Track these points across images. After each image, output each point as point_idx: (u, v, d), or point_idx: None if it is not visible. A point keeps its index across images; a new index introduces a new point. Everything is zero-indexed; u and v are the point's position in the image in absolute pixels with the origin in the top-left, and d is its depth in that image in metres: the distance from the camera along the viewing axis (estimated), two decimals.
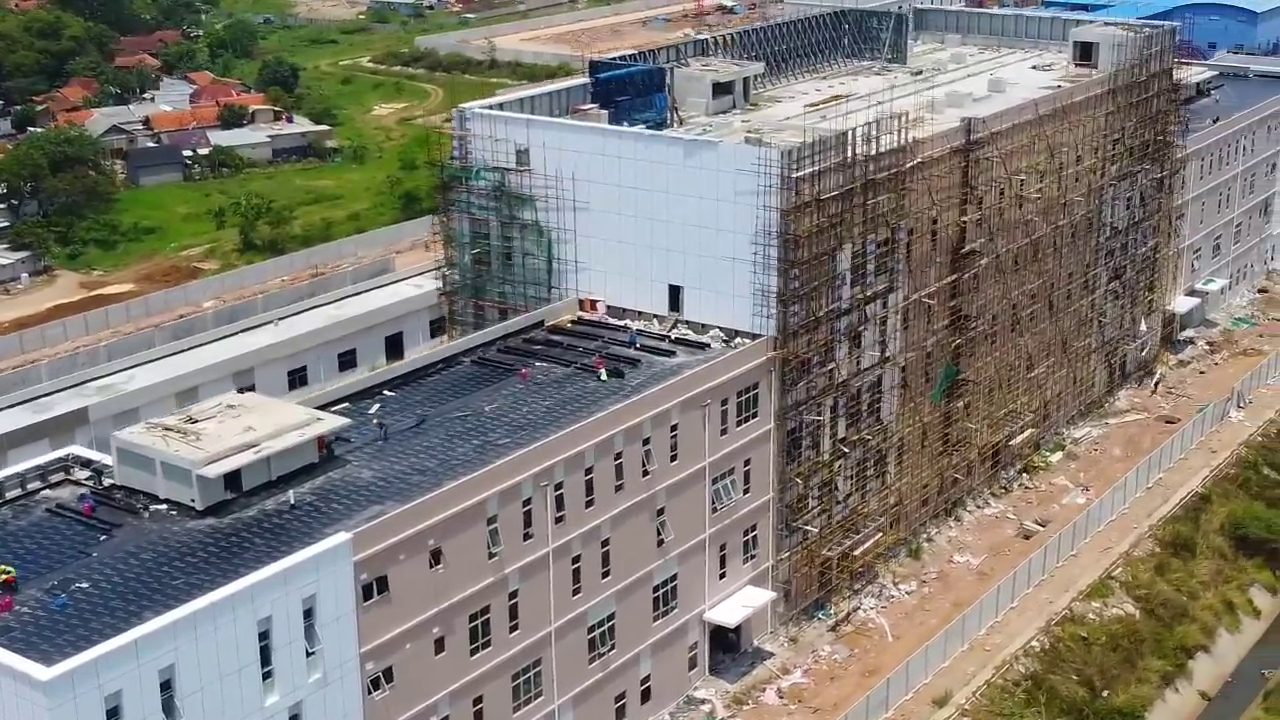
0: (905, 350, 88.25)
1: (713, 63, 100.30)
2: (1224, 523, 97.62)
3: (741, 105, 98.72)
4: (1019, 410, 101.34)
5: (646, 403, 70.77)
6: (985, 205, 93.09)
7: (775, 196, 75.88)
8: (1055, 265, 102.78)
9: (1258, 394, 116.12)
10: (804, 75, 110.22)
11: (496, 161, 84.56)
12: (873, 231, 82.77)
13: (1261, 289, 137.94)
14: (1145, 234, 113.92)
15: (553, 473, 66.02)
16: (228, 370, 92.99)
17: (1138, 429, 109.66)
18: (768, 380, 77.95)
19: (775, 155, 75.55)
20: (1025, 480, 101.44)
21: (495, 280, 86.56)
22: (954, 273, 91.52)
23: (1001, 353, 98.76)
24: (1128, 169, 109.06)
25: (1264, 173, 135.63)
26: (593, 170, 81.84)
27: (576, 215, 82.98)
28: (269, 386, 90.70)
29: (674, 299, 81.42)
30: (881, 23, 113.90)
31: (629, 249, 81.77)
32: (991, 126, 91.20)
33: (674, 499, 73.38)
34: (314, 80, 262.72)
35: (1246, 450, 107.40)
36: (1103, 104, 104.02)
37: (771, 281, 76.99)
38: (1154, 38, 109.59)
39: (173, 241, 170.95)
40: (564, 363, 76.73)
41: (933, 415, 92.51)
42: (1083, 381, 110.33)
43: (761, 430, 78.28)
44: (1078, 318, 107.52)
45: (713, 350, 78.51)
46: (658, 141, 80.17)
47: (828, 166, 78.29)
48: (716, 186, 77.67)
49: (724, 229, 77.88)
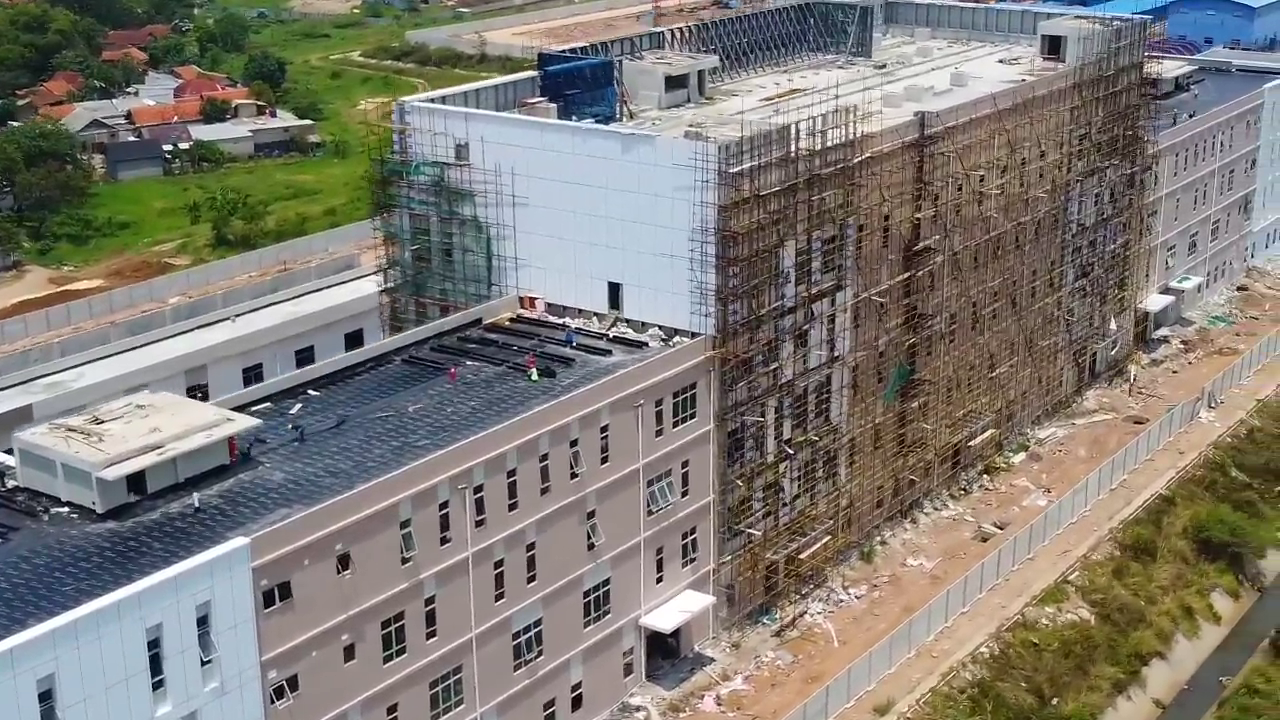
0: (855, 349, 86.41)
1: (667, 56, 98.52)
2: (1187, 526, 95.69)
3: (696, 99, 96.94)
4: (979, 410, 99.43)
5: (574, 403, 69.03)
6: (941, 201, 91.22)
7: (712, 192, 74.05)
8: (1018, 262, 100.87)
9: (1230, 394, 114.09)
10: (766, 69, 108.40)
11: (436, 156, 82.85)
12: (819, 228, 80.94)
13: (1240, 287, 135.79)
14: (1115, 231, 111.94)
15: (471, 475, 64.31)
16: (180, 368, 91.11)
17: (1104, 429, 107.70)
18: (706, 380, 76.17)
19: (712, 150, 73.67)
20: (986, 481, 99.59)
21: (436, 277, 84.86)
22: (908, 270, 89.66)
23: (961, 352, 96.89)
24: (1095, 165, 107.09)
25: (1243, 169, 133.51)
26: (531, 165, 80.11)
27: (516, 211, 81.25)
28: (223, 384, 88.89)
29: (614, 297, 79.69)
30: (847, 15, 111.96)
31: (568, 245, 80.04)
32: (946, 121, 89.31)
33: (606, 501, 71.64)
34: (303, 75, 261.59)
35: (1215, 452, 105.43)
36: (1067, 98, 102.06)
37: (710, 279, 75.22)
38: (1123, 31, 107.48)
39: (146, 237, 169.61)
40: (496, 362, 75.01)
41: (886, 416, 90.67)
42: (1049, 381, 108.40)
43: (700, 431, 76.52)
44: (1043, 316, 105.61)
45: (650, 349, 76.72)
46: (594, 136, 78.42)
47: (769, 162, 76.45)
48: (654, 182, 75.91)
49: (662, 225, 76.12)
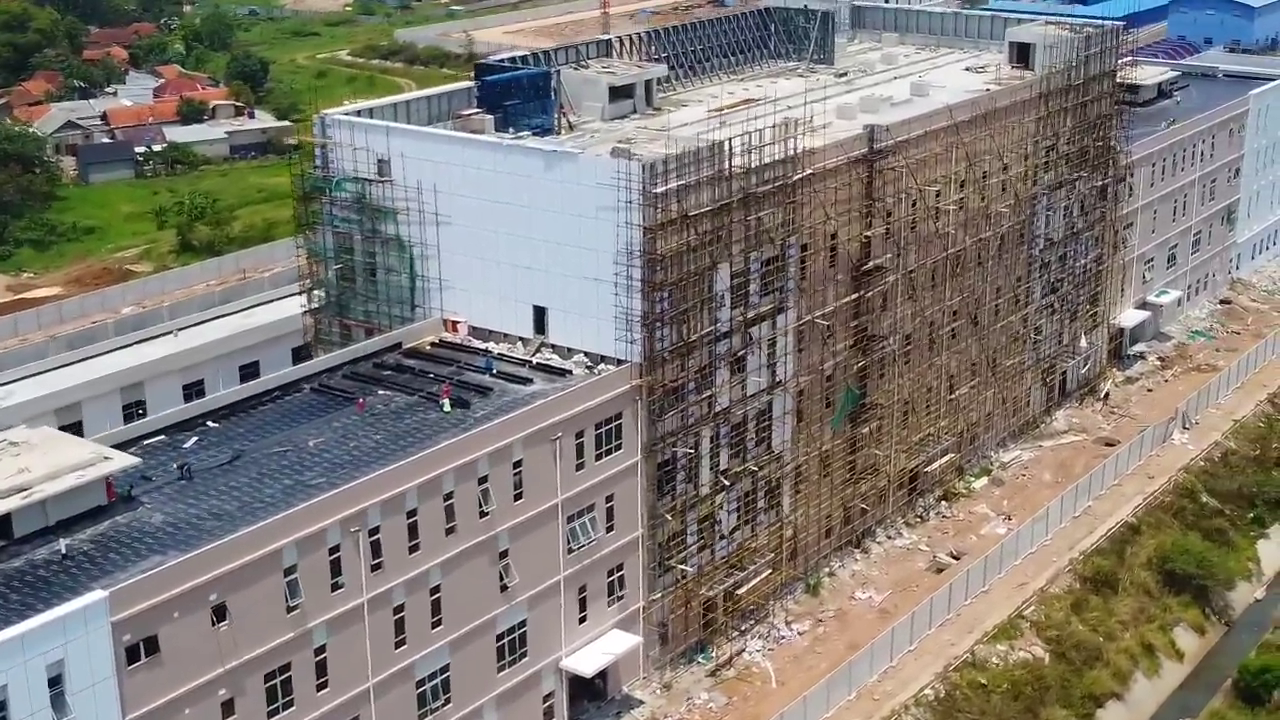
0: (800, 374, 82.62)
1: (613, 65, 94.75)
2: (1151, 556, 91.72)
3: (643, 109, 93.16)
4: (937, 434, 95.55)
5: (483, 438, 65.37)
6: (893, 218, 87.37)
7: (637, 213, 70.29)
8: (979, 280, 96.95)
9: (1206, 414, 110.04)
10: (723, 76, 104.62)
11: (358, 171, 79.23)
12: (757, 248, 77.18)
13: (1224, 300, 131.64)
14: (1086, 245, 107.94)
15: (365, 517, 60.68)
16: (115, 385, 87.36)
17: (1072, 452, 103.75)
18: (633, 410, 72.43)
19: (636, 169, 69.91)
20: (944, 508, 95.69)
21: (360, 298, 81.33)
22: (857, 290, 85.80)
23: (917, 374, 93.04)
24: (1064, 177, 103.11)
25: (1226, 178, 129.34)
26: (454, 182, 76.51)
27: (439, 230, 77.68)
28: (162, 401, 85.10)
29: (539, 321, 76.02)
30: (809, 21, 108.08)
31: (492, 267, 76.41)
32: (897, 135, 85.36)
33: (520, 540, 67.97)
34: (288, 74, 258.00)
35: (1186, 476, 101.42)
36: (1033, 108, 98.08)
37: (635, 304, 71.48)
38: (1094, 38, 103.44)
39: (111, 242, 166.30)
40: (410, 391, 71.36)
41: (835, 442, 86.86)
42: (1015, 401, 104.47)
43: (626, 464, 72.80)
44: (1008, 334, 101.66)
45: (573, 378, 72.99)
46: (516, 152, 74.70)
47: (700, 180, 72.66)
48: (578, 201, 72.23)
49: (586, 247, 72.43)
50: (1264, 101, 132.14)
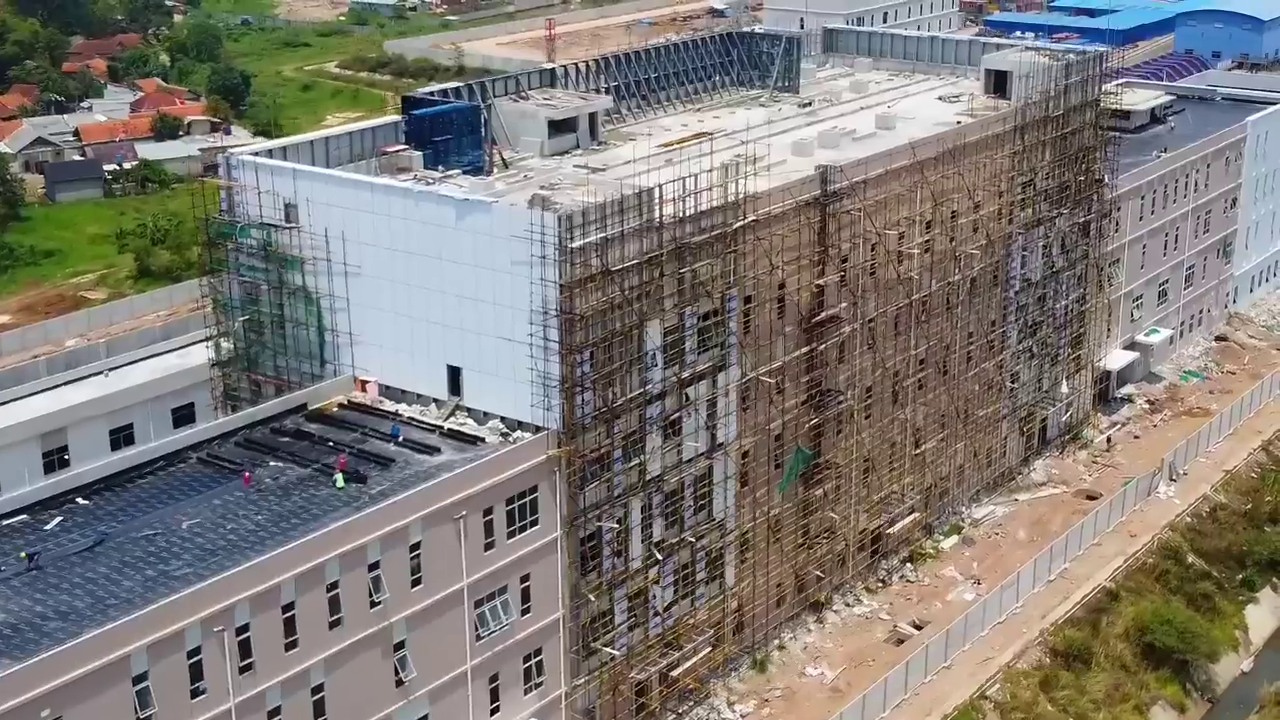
0: (744, 435, 76.43)
1: (556, 96, 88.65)
2: (1129, 627, 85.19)
3: (587, 144, 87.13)
4: (902, 492, 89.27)
5: (373, 520, 59.39)
6: (850, 264, 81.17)
7: (552, 269, 64.18)
8: (949, 326, 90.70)
9: (1194, 464, 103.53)
10: (681, 106, 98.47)
11: (264, 217, 73.27)
12: (692, 302, 71.04)
13: (1219, 337, 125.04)
14: (1068, 285, 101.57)
15: (233, 614, 54.68)
16: (34, 431, 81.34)
17: (1049, 507, 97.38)
18: (550, 482, 66.35)
19: (550, 221, 63.82)
20: (908, 572, 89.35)
21: (269, 352, 75.29)
22: (810, 343, 79.60)
23: (880, 428, 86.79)
24: (1043, 214, 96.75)
25: (1221, 209, 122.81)
26: (362, 230, 70.55)
27: (349, 281, 71.65)
28: (87, 449, 79.13)
29: (454, 382, 70.01)
30: (773, 47, 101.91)
31: (404, 322, 70.44)
32: (853, 175, 79.16)
33: (419, 629, 61.96)
34: (274, 86, 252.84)
35: (1171, 535, 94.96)
36: (1007, 142, 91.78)
37: (552, 368, 65.33)
38: (1075, 66, 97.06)
39: (72, 266, 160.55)
40: (304, 462, 65.39)
41: (786, 505, 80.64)
42: (991, 453, 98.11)
43: (545, 540, 66.73)
44: (982, 382, 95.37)
45: (486, 446, 66.92)
46: (427, 200, 68.66)
47: (627, 230, 66.55)
48: (491, 254, 66.22)
49: (501, 304, 66.43)
50: (1262, 128, 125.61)
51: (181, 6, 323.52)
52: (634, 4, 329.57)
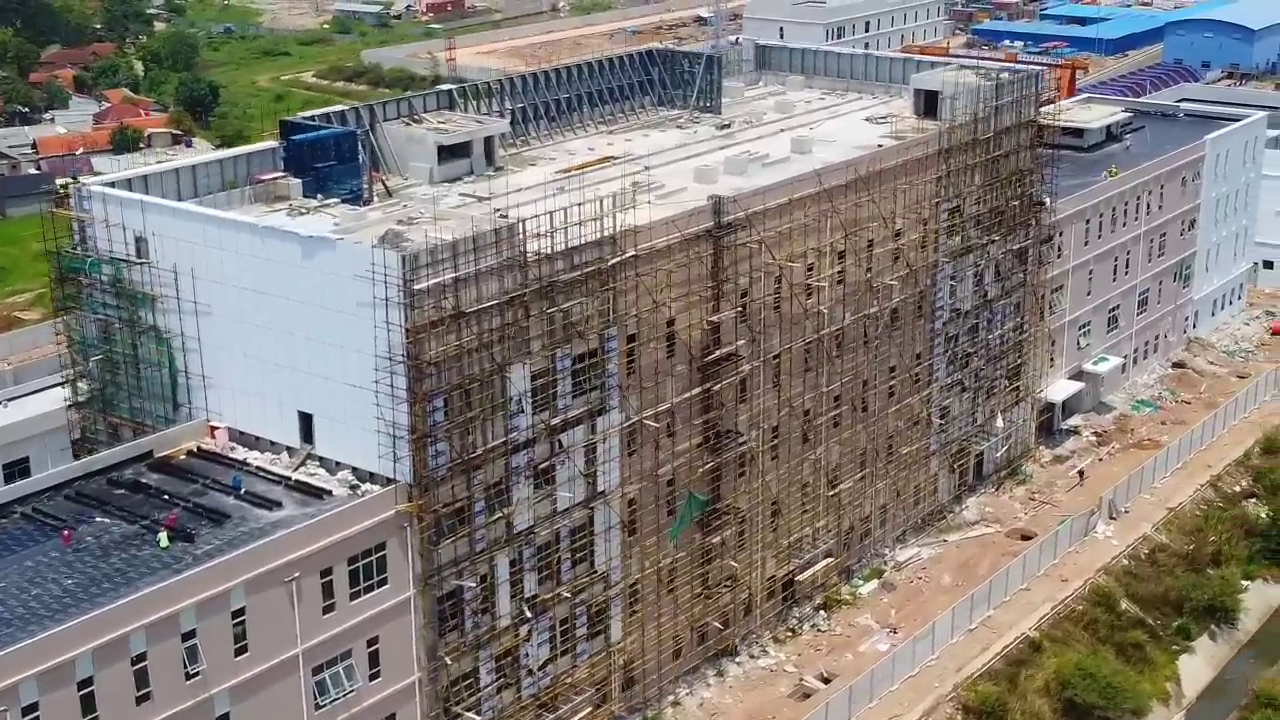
0: (630, 481, 72.07)
1: (452, 120, 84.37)
2: (1050, 680, 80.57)
3: (482, 170, 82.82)
4: (815, 536, 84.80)
5: (187, 586, 55.14)
6: (750, 298, 76.74)
7: (397, 311, 59.89)
8: (867, 360, 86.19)
9: (1137, 501, 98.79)
10: (594, 128, 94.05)
11: (114, 251, 69.15)
12: (564, 344, 66.68)
13: (1177, 364, 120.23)
14: (1003, 314, 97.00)
15: (18, 693, 50.43)
16: None
17: (979, 548, 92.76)
18: (401, 538, 62.06)
19: (394, 261, 59.53)
20: (821, 621, 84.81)
21: (124, 394, 71.08)
22: (705, 382, 75.14)
23: (788, 469, 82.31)
24: (973, 241, 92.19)
25: (1178, 231, 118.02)
26: (212, 267, 66.36)
27: (199, 320, 67.45)
28: None
29: (306, 429, 65.67)
30: (694, 65, 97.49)
31: (254, 365, 66.22)
32: (750, 205, 74.74)
33: (246, 700, 57.73)
34: (248, 96, 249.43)
35: (1105, 579, 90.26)
36: (931, 166, 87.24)
37: (401, 415, 61.02)
38: (1008, 86, 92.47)
39: (12, 284, 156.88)
40: (135, 517, 61.11)
41: (680, 555, 76.23)
42: (919, 491, 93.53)
43: (395, 600, 62.45)
44: (907, 418, 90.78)
45: (333, 500, 62.64)
46: (273, 236, 64.39)
47: (484, 269, 62.24)
48: (338, 295, 61.98)
49: (348, 348, 62.17)
50: (1223, 146, 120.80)
51: (165, 15, 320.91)
52: (621, 13, 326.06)
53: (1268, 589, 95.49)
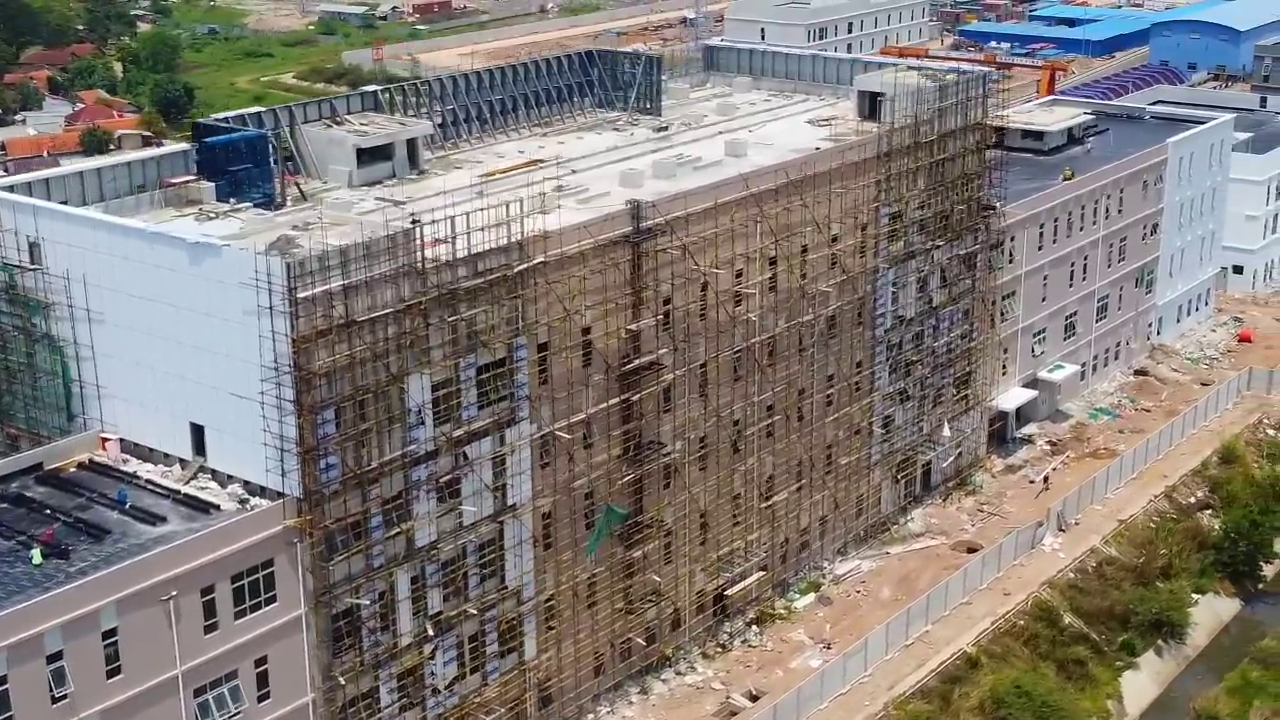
0: (544, 494, 69.93)
1: (375, 122, 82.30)
2: (984, 699, 78.34)
3: (404, 173, 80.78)
4: (747, 549, 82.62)
5: (51, 606, 53.04)
6: (674, 305, 74.59)
7: (283, 320, 57.81)
8: (802, 369, 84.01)
9: (1088, 512, 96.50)
10: (529, 130, 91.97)
11: (8, 257, 67.13)
12: (468, 353, 64.57)
13: (1139, 371, 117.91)
14: (951, 321, 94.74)
15: None
16: None
17: (921, 561, 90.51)
18: (291, 554, 59.98)
19: (278, 267, 57.45)
20: (752, 636, 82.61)
21: (20, 403, 69.09)
22: (625, 391, 73.00)
23: (718, 481, 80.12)
24: (916, 246, 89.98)
25: (1140, 235, 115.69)
26: (103, 274, 64.38)
27: (93, 328, 65.40)
28: None
29: (198, 441, 63.60)
30: (634, 67, 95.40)
31: (147, 374, 64.21)
32: (671, 209, 72.60)
33: None
34: (225, 98, 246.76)
35: (1049, 593, 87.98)
36: (870, 170, 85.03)
37: (289, 429, 58.92)
38: (953, 88, 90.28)
39: None
40: (12, 533, 59.09)
41: (599, 569, 74.10)
42: (862, 502, 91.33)
43: (285, 619, 60.38)
44: (847, 428, 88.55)
45: (221, 514, 60.53)
46: (161, 242, 62.33)
47: (376, 276, 60.14)
48: (224, 303, 59.93)
49: (236, 357, 60.12)
50: (1186, 149, 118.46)
51: (151, 16, 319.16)
52: (608, 14, 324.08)
53: (1219, 603, 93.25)
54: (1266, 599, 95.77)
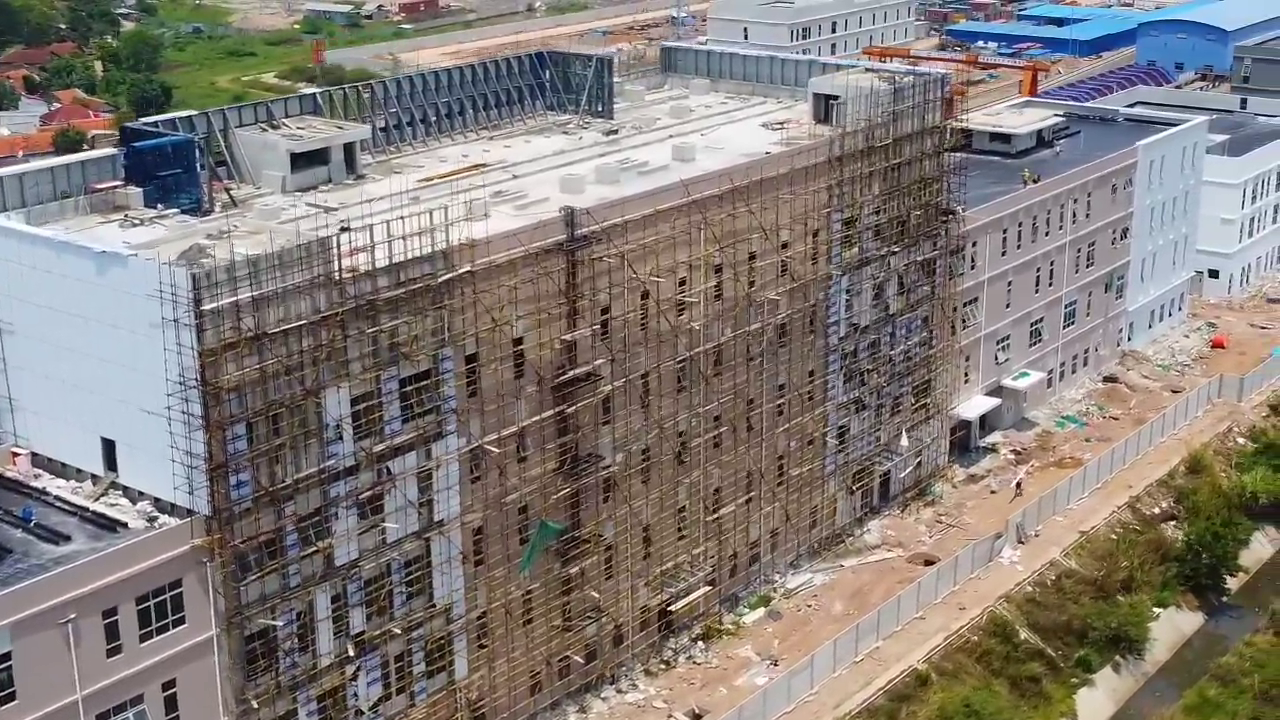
0: (474, 509, 68.04)
1: (313, 125, 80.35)
2: (933, 717, 76.39)
3: (341, 178, 78.82)
4: (693, 563, 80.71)
5: None
6: (613, 315, 72.67)
7: (189, 333, 55.91)
8: (752, 378, 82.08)
9: (1049, 524, 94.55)
10: (475, 133, 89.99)
11: None
12: (390, 365, 62.66)
13: (1108, 378, 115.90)
14: (908, 328, 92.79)
15: None
16: None
17: (875, 574, 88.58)
18: (201, 574, 58.10)
19: (183, 278, 55.57)
20: (698, 652, 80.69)
21: None
22: (561, 403, 71.08)
23: (661, 494, 78.19)
24: (871, 253, 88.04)
25: (1109, 240, 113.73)
26: (13, 283, 62.46)
27: (4, 339, 63.55)
28: None
29: (109, 456, 61.71)
30: (585, 68, 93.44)
31: (57, 387, 62.34)
32: (607, 217, 70.68)
33: None
34: (204, 98, 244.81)
35: (1005, 607, 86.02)
36: (822, 174, 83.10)
37: (197, 445, 57.03)
38: (908, 91, 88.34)
39: None
40: None
41: (535, 585, 72.19)
42: (816, 513, 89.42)
43: (195, 640, 58.55)
44: (799, 438, 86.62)
45: (129, 532, 58.64)
46: (68, 251, 60.49)
47: (290, 287, 58.25)
48: (131, 315, 58.08)
49: (144, 371, 58.27)
50: (1156, 152, 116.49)
51: (136, 15, 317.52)
52: (595, 13, 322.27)
53: (1180, 617, 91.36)
54: (1230, 612, 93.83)
